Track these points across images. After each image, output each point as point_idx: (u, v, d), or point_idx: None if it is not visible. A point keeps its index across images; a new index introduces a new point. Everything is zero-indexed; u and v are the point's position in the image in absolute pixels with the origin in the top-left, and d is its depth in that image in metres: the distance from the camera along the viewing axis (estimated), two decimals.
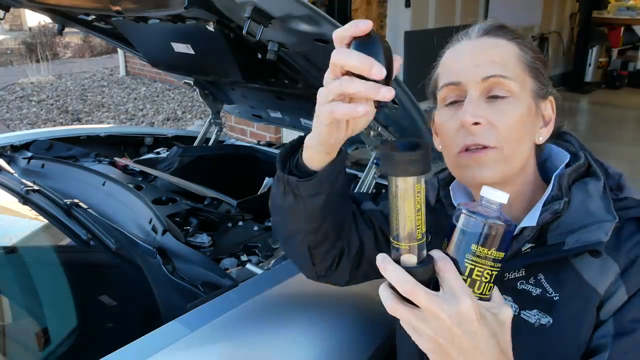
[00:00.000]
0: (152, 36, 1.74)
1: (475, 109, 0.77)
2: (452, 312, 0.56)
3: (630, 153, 5.04)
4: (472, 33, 0.84)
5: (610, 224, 0.74)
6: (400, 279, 0.57)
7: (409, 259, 0.60)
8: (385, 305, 0.59)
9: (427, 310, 0.57)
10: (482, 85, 0.78)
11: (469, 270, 0.61)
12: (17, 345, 1.22)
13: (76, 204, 1.43)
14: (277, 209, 0.85)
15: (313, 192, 0.77)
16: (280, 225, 0.89)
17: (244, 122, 4.56)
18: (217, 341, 1.00)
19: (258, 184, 1.74)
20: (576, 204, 0.79)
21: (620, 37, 8.05)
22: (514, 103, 0.78)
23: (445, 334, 0.57)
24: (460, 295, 0.57)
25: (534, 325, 0.77)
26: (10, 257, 1.44)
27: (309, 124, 2.04)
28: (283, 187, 0.79)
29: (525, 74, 0.81)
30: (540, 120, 0.84)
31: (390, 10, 5.07)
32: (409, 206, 0.58)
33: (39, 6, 1.76)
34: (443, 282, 0.58)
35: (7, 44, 11.70)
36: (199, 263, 1.25)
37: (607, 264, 0.75)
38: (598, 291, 0.74)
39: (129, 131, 2.44)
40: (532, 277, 0.79)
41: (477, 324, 0.57)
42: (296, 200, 0.79)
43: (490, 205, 0.63)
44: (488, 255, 0.61)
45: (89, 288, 1.40)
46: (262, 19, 1.12)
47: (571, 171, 0.82)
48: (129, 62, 8.51)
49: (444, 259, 0.59)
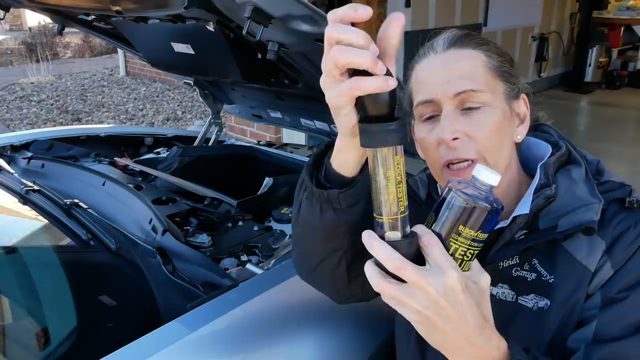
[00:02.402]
0: (152, 36, 1.74)
1: (452, 125, 0.79)
2: (439, 285, 0.58)
3: (630, 153, 5.04)
4: (437, 46, 0.85)
5: (599, 205, 0.78)
6: (388, 256, 0.58)
7: (393, 234, 0.60)
8: (372, 283, 0.61)
9: (415, 285, 0.58)
10: (455, 100, 0.80)
11: (453, 249, 0.62)
12: (17, 345, 1.22)
13: (76, 204, 1.43)
14: (311, 234, 0.79)
15: (353, 201, 0.73)
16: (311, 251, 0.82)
17: (244, 122, 4.56)
18: (217, 341, 1.00)
19: (258, 184, 1.74)
20: (563, 190, 0.83)
21: (620, 37, 8.04)
22: (488, 112, 0.80)
23: (433, 306, 0.59)
24: (446, 268, 0.58)
25: (532, 309, 0.80)
26: (10, 257, 1.44)
27: (309, 124, 2.05)
28: (320, 206, 0.74)
29: (495, 80, 0.83)
30: (516, 120, 0.87)
31: (390, 10, 5.07)
32: (389, 178, 0.58)
33: (39, 6, 1.76)
34: (428, 256, 0.60)
35: (7, 44, 11.70)
36: (199, 263, 1.25)
37: (595, 243, 0.79)
38: (590, 269, 0.78)
39: (129, 131, 2.44)
40: (527, 263, 0.82)
41: (462, 295, 0.59)
42: (337, 215, 0.74)
43: (481, 187, 0.63)
44: (474, 236, 0.62)
45: (89, 288, 1.40)
46: (262, 19, 1.12)
47: (554, 160, 0.86)
48: (129, 62, 8.52)
49: (428, 233, 0.60)
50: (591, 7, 7.47)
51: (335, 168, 0.72)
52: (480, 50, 0.84)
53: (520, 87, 0.88)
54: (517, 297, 0.82)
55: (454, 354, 0.64)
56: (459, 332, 0.61)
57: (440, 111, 0.81)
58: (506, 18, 6.37)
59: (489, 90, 0.81)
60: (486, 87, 0.81)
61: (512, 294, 0.82)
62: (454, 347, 0.63)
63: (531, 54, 7.21)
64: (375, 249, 0.59)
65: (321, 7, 4.44)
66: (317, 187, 0.73)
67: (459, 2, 5.63)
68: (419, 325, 0.62)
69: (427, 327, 0.61)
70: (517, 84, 0.87)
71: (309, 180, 0.75)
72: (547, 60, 7.44)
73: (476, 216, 0.61)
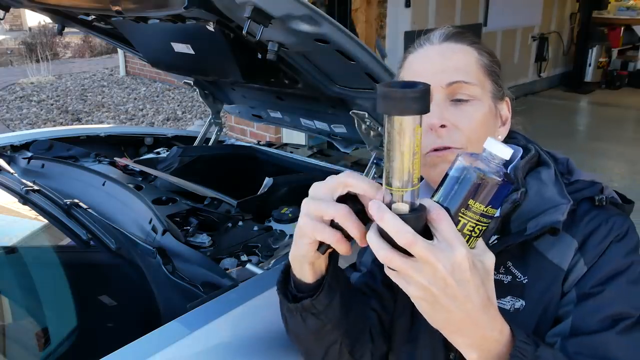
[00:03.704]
0: (152, 36, 1.74)
1: (442, 112, 0.82)
2: (447, 261, 0.56)
3: (630, 153, 5.04)
4: (434, 38, 0.89)
5: (566, 205, 0.80)
6: (399, 229, 0.56)
7: (402, 206, 0.58)
8: (378, 255, 0.58)
9: (423, 260, 0.56)
10: (446, 90, 0.84)
11: (461, 225, 0.59)
12: (17, 345, 1.22)
13: (76, 204, 1.43)
14: (304, 338, 0.85)
15: (327, 301, 0.77)
16: (312, 351, 0.87)
17: (244, 122, 4.56)
18: (217, 341, 1.00)
19: (258, 184, 1.74)
20: (532, 193, 0.85)
21: (620, 37, 8.05)
22: (476, 105, 0.84)
23: (440, 283, 0.57)
24: (455, 244, 0.57)
25: (510, 311, 0.82)
26: (10, 257, 1.44)
27: (309, 124, 2.05)
28: (300, 315, 0.79)
29: (485, 78, 0.87)
30: (499, 120, 0.90)
31: (390, 10, 5.07)
32: (407, 148, 0.56)
33: (39, 6, 1.76)
34: (437, 231, 0.58)
35: (7, 44, 11.70)
36: (199, 263, 1.25)
37: (566, 242, 0.80)
38: (562, 267, 0.80)
39: (129, 131, 2.44)
40: (502, 267, 0.84)
41: (469, 273, 0.58)
42: (318, 318, 0.78)
43: (492, 160, 0.61)
44: (484, 211, 0.60)
45: (89, 288, 1.40)
46: (262, 19, 1.12)
47: (524, 163, 0.87)
48: (129, 62, 8.52)
49: (437, 207, 0.58)
50: (591, 7, 7.47)
51: (300, 278, 0.76)
52: (473, 47, 0.88)
53: (505, 91, 0.91)
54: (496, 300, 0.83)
55: (455, 334, 0.63)
56: (463, 311, 0.59)
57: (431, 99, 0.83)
58: (506, 18, 6.37)
59: (479, 85, 0.85)
60: (477, 81, 0.85)
61: None
62: (456, 326, 0.61)
63: (531, 54, 7.21)
64: (386, 221, 0.57)
65: (321, 7, 4.44)
66: (293, 301, 0.78)
67: (459, 2, 5.63)
68: (422, 302, 0.60)
69: (430, 304, 0.59)
70: (503, 86, 0.90)
71: (283, 297, 0.80)
72: (547, 60, 7.45)
73: (487, 190, 0.59)
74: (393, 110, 0.55)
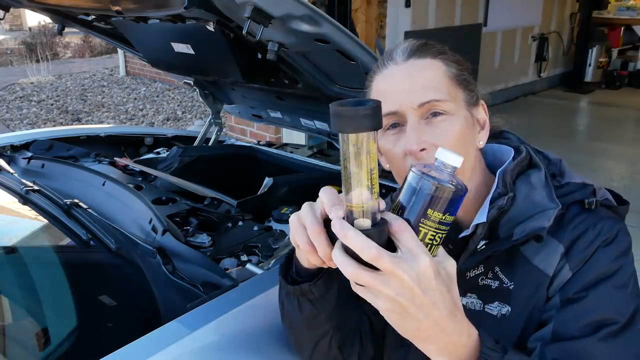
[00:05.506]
0: (152, 36, 1.74)
1: (419, 136, 0.80)
2: (412, 271, 0.57)
3: (630, 153, 5.04)
4: (397, 57, 0.86)
5: (553, 211, 0.80)
6: (364, 245, 0.57)
7: (363, 222, 0.59)
8: (345, 272, 0.59)
9: (390, 273, 0.57)
10: (419, 111, 0.82)
11: (422, 234, 0.61)
12: (17, 345, 1.22)
13: (76, 204, 1.43)
14: (297, 325, 0.86)
15: (324, 290, 0.79)
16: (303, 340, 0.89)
17: (244, 122, 4.56)
18: (217, 341, 1.00)
19: (258, 184, 1.74)
20: (521, 197, 0.84)
21: (620, 37, 8.05)
22: (451, 120, 0.82)
23: (407, 293, 0.58)
24: (419, 254, 0.58)
25: (497, 316, 0.82)
26: (10, 257, 1.44)
27: (309, 124, 2.05)
28: (297, 300, 0.81)
29: (456, 88, 0.85)
30: (477, 126, 0.89)
31: (390, 10, 5.07)
32: (363, 165, 0.57)
33: (39, 6, 1.76)
34: (400, 242, 0.59)
35: (7, 44, 11.70)
36: (199, 263, 1.25)
37: (552, 247, 0.80)
38: (547, 273, 0.80)
39: (129, 131, 2.44)
40: (490, 272, 0.84)
41: (434, 281, 0.59)
42: (314, 305, 0.81)
43: (444, 169, 0.63)
44: (442, 219, 0.61)
45: (89, 288, 1.40)
46: (262, 19, 1.12)
47: (514, 166, 0.87)
48: (129, 62, 8.52)
49: (398, 219, 0.60)
50: (591, 7, 7.47)
51: (302, 263, 0.78)
52: (439, 59, 0.85)
53: (479, 94, 0.90)
54: (484, 305, 0.84)
55: (425, 342, 0.63)
56: (431, 319, 0.60)
57: (404, 120, 0.82)
58: (506, 18, 6.37)
59: (451, 99, 0.83)
60: (449, 96, 0.83)
61: (480, 303, 0.85)
62: (426, 334, 0.62)
63: (531, 54, 7.21)
64: (350, 238, 0.57)
65: (321, 7, 4.44)
66: (292, 284, 0.80)
67: (459, 2, 5.63)
68: (391, 314, 0.60)
69: (400, 315, 0.60)
70: (475, 90, 0.89)
71: (284, 280, 0.82)
72: (547, 60, 7.45)
73: (443, 198, 0.60)
74: (347, 128, 0.56)
